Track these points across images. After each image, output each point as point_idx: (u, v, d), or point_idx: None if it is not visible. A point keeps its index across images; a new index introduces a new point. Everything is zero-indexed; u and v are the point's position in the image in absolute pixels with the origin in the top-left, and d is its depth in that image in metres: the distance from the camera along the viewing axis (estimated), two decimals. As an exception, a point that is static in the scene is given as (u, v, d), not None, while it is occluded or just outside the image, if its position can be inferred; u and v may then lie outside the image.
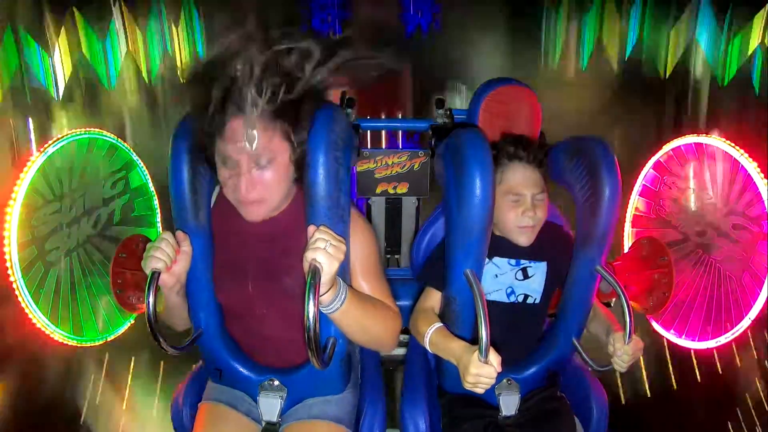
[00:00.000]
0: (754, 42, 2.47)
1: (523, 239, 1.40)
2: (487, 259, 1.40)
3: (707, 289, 2.06)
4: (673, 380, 2.54)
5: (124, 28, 2.66)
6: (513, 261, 1.43)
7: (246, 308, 1.27)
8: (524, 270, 1.43)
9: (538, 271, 1.44)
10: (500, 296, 1.43)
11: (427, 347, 1.30)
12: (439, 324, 1.30)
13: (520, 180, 1.38)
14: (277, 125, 1.10)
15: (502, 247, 1.42)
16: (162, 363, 2.54)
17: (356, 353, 1.47)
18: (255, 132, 1.07)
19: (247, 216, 1.18)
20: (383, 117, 3.25)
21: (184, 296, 1.27)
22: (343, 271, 1.17)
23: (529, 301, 1.44)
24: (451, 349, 1.22)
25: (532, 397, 1.43)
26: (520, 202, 1.37)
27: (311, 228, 1.10)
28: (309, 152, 1.13)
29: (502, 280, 1.43)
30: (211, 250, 1.26)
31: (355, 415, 1.38)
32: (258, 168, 1.11)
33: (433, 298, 1.40)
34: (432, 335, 1.28)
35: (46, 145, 1.85)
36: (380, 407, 1.41)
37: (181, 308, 1.28)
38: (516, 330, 1.44)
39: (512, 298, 1.43)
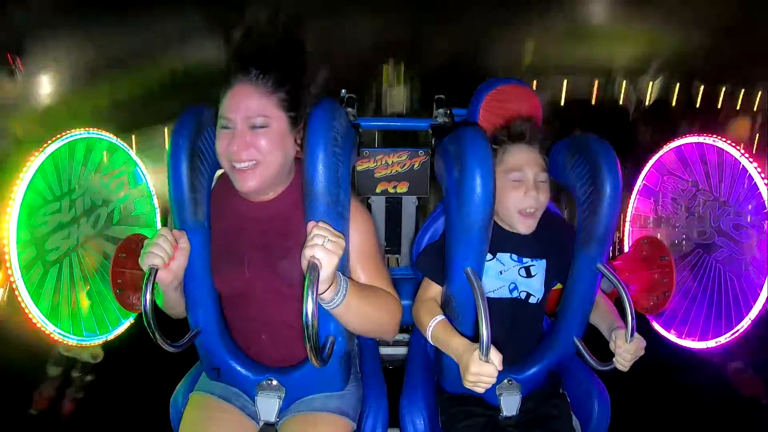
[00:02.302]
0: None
1: (523, 228, 1.38)
2: (490, 255, 1.40)
3: (707, 289, 2.06)
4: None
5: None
6: (515, 257, 1.42)
7: (244, 293, 1.26)
8: (527, 269, 1.43)
9: (540, 269, 1.44)
10: (503, 292, 1.42)
11: (429, 340, 1.30)
12: (441, 317, 1.29)
13: (523, 159, 1.37)
14: (276, 94, 1.16)
15: (504, 241, 1.41)
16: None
17: (355, 351, 1.47)
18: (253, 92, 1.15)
19: (242, 187, 1.18)
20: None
21: (183, 292, 1.26)
22: (343, 266, 1.17)
23: (531, 300, 1.43)
24: (453, 345, 1.22)
25: (533, 396, 1.42)
26: (522, 182, 1.36)
27: (310, 224, 1.09)
28: (307, 148, 1.13)
29: (505, 277, 1.42)
30: (209, 248, 1.25)
31: (359, 410, 1.37)
32: (252, 131, 1.13)
33: (435, 288, 1.40)
34: (434, 329, 1.28)
35: (45, 145, 1.84)
36: (383, 406, 1.41)
37: (180, 304, 1.28)
38: (517, 327, 1.43)
39: (515, 294, 1.42)
